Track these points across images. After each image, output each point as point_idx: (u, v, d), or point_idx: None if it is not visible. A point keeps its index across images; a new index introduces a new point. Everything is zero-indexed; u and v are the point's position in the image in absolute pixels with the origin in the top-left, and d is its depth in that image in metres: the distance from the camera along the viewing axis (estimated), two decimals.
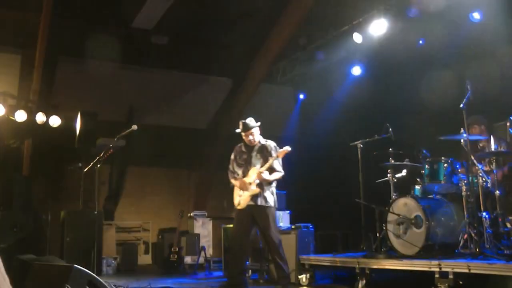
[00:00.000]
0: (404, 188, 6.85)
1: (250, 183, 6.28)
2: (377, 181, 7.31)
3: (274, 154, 6.37)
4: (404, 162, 6.90)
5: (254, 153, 6.44)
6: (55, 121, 10.75)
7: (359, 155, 7.13)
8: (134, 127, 6.60)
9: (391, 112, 8.99)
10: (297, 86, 12.76)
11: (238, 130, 6.49)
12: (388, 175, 6.92)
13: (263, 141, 6.52)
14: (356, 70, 10.49)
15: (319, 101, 11.89)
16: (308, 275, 7.10)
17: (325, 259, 6.92)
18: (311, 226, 7.60)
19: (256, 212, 6.28)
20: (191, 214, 12.07)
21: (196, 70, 12.51)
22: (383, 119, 7.23)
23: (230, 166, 6.61)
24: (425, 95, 8.91)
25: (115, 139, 6.82)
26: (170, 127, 13.71)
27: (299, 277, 7.13)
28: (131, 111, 12.80)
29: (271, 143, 6.51)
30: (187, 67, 12.25)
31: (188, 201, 14.79)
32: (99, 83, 11.77)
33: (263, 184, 6.29)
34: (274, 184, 6.43)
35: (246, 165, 6.41)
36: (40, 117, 10.59)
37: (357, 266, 6.21)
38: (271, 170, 6.29)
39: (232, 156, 6.62)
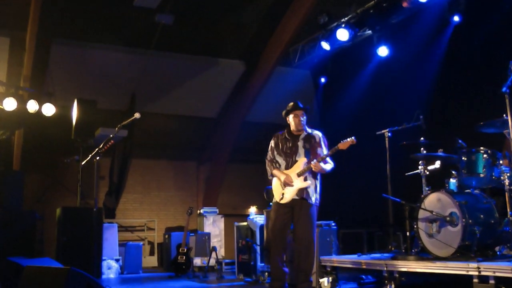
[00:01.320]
0: (437, 181, 6.75)
1: (298, 175, 6.26)
2: (406, 174, 7.23)
3: (323, 145, 6.41)
4: (438, 153, 6.79)
5: (300, 142, 6.42)
6: (48, 109, 10.72)
7: (386, 145, 7.07)
8: (137, 115, 6.56)
9: (422, 97, 8.89)
10: (316, 70, 12.71)
11: (284, 112, 6.52)
12: (419, 167, 6.82)
13: (309, 130, 6.52)
14: (383, 51, 10.35)
15: (341, 86, 11.81)
16: (330, 278, 7.03)
17: (349, 261, 6.86)
18: (333, 224, 7.57)
19: (298, 207, 6.28)
20: (201, 211, 12.09)
21: (205, 53, 12.49)
22: (413, 105, 7.14)
23: (269, 155, 6.60)
24: (461, 77, 8.79)
25: (116, 129, 6.80)
26: (176, 115, 13.74)
27: (320, 280, 7.07)
28: (133, 98, 12.82)
29: (318, 133, 6.52)
30: (195, 49, 12.22)
31: (197, 197, 14.86)
32: (98, 68, 11.81)
33: (312, 176, 6.31)
34: (319, 180, 6.43)
35: (292, 155, 6.41)
36: (32, 106, 10.54)
37: (385, 269, 6.14)
38: (324, 161, 6.30)
39: (272, 143, 6.61)
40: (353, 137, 6.10)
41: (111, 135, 6.77)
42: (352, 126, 10.86)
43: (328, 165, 6.34)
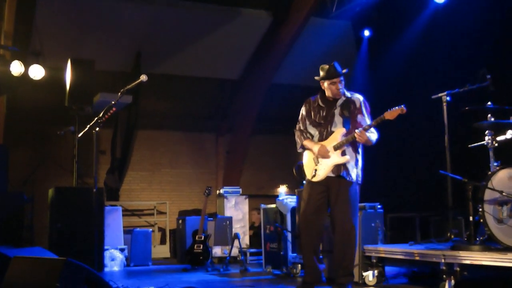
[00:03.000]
0: (508, 155, 6.64)
1: (334, 148, 6.21)
2: (470, 146, 7.13)
3: (365, 111, 6.33)
4: (509, 120, 6.67)
5: (337, 110, 6.35)
6: (37, 72, 10.70)
7: (444, 111, 6.95)
8: (143, 78, 6.54)
9: (489, 52, 8.73)
10: (358, 20, 12.57)
11: (318, 78, 6.41)
12: (486, 138, 6.71)
13: (348, 93, 6.44)
14: None
15: (389, 40, 11.68)
16: (376, 272, 7.03)
17: (398, 251, 6.82)
18: (379, 206, 7.51)
19: (334, 186, 6.25)
20: (220, 191, 12.15)
21: (224, 2, 12.44)
22: (478, 63, 7.01)
23: (300, 125, 6.58)
24: None
25: (119, 94, 6.79)
26: (190, 77, 13.80)
27: (364, 274, 7.07)
28: (138, 57, 12.84)
29: (359, 97, 6.43)
30: None
31: (216, 174, 14.98)
32: (96, 22, 11.83)
33: (353, 149, 6.27)
34: (360, 153, 6.39)
35: (326, 125, 6.35)
36: (17, 68, 10.47)
37: (443, 261, 6.09)
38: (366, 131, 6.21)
39: (303, 111, 6.57)
40: (402, 106, 5.98)
41: (113, 102, 6.77)
42: (401, 88, 10.78)
43: (373, 135, 6.27)
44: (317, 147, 6.30)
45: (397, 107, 6.00)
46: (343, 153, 6.23)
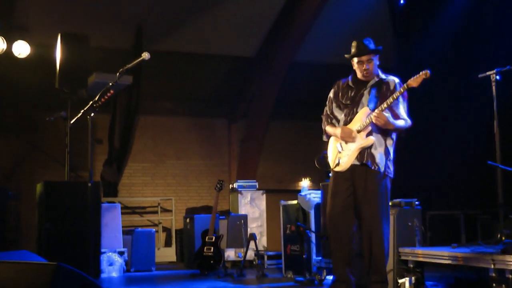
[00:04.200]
0: None
1: (358, 131, 6.19)
2: None
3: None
4: None
5: (366, 90, 6.33)
6: (22, 49, 10.73)
7: (493, 92, 6.90)
8: (145, 56, 6.50)
9: None
10: None
11: (348, 55, 6.40)
12: None
13: (383, 75, 6.42)
14: None
15: (429, 9, 11.62)
16: (413, 278, 7.02)
17: (439, 255, 6.80)
18: (417, 202, 7.50)
19: (360, 177, 6.21)
20: (234, 186, 12.16)
21: None
22: None
23: (327, 108, 6.59)
24: None
25: (117, 74, 6.77)
26: (199, 55, 13.80)
27: (400, 281, 7.06)
28: (139, 32, 12.84)
29: (394, 78, 6.39)
30: None
31: (229, 166, 15.06)
32: None
33: (382, 134, 6.22)
34: (392, 141, 6.33)
35: (353, 106, 6.34)
36: None
37: (492, 266, 6.05)
38: (394, 116, 6.21)
39: (331, 94, 6.58)
40: (426, 70, 5.94)
41: (110, 83, 6.75)
42: (443, 66, 10.70)
43: (401, 122, 6.21)
44: (339, 130, 6.30)
45: (421, 72, 5.96)
46: (369, 135, 6.20)
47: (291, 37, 13.13)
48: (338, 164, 6.32)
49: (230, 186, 12.32)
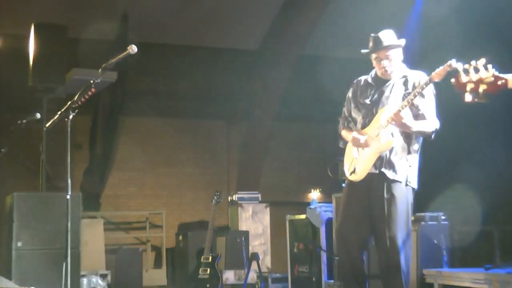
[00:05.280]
0: None
1: (375, 134, 6.11)
2: None
3: (426, 93, 6.13)
4: None
5: (388, 88, 6.27)
6: None
7: None
8: (132, 49, 6.45)
9: None
10: None
11: (365, 51, 6.32)
12: None
13: (407, 71, 6.34)
14: None
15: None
16: None
17: (470, 277, 6.78)
18: (443, 217, 7.54)
19: (377, 187, 6.12)
20: (234, 197, 12.18)
21: None
22: None
23: (345, 109, 6.55)
24: None
25: (99, 70, 6.72)
26: (192, 48, 13.84)
27: None
28: (125, 21, 12.85)
29: (420, 73, 6.26)
30: None
31: (227, 175, 15.06)
32: None
33: (404, 138, 6.14)
34: (417, 146, 6.24)
35: (372, 107, 6.26)
36: None
37: None
38: (418, 117, 6.12)
39: (350, 93, 6.52)
40: (451, 61, 5.82)
41: (92, 80, 6.70)
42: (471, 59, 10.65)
43: (425, 123, 6.08)
44: (352, 136, 6.23)
45: (445, 65, 5.85)
46: (388, 138, 6.09)
47: (299, 26, 13.14)
48: (354, 172, 6.23)
49: (229, 198, 12.32)
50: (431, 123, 6.06)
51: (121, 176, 14.21)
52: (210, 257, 9.94)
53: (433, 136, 6.09)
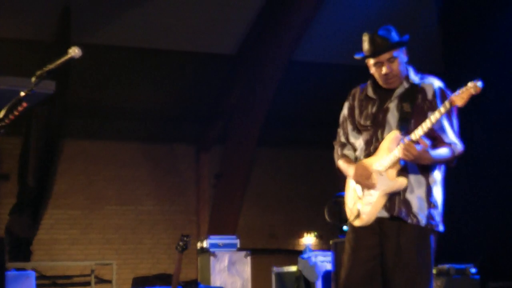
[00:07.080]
0: None
1: (383, 168, 6.00)
2: None
3: (440, 103, 6.02)
4: None
5: (393, 103, 6.15)
6: None
7: None
8: (75, 52, 6.26)
9: None
10: None
11: (359, 56, 6.21)
12: None
13: (415, 76, 6.24)
14: None
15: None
16: None
17: None
18: (473, 269, 7.62)
19: (391, 236, 6.01)
20: (204, 244, 12.12)
21: None
22: None
23: (340, 131, 6.46)
24: None
25: (33, 79, 6.55)
26: (153, 51, 13.88)
27: None
28: (66, 17, 12.78)
29: (434, 82, 6.18)
30: None
31: (197, 215, 15.08)
32: None
33: (420, 170, 6.01)
34: (439, 177, 6.12)
35: (376, 128, 6.15)
36: None
37: None
38: (435, 139, 5.99)
39: (345, 109, 6.45)
40: (475, 81, 5.66)
41: (23, 92, 6.53)
42: (497, 63, 11.11)
43: (443, 150, 5.99)
44: (353, 168, 6.12)
45: (469, 83, 5.68)
46: (400, 174, 6.00)
47: (288, 26, 13.21)
48: (358, 216, 6.14)
49: (199, 244, 12.31)
50: (453, 148, 6.02)
51: (59, 215, 14.18)
52: None
53: (454, 162, 6.05)
